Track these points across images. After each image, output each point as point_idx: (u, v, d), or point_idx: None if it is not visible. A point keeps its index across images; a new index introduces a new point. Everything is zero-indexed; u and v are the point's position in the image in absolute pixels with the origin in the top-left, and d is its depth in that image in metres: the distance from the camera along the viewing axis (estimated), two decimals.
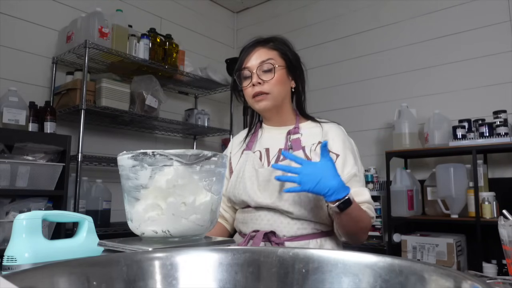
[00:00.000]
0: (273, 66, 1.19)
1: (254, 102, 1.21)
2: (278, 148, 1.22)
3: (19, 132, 2.05)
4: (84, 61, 2.28)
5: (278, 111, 1.25)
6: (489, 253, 2.21)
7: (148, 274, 0.49)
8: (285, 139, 1.23)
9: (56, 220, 0.92)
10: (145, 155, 0.70)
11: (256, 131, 1.33)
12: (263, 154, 1.24)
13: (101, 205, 2.46)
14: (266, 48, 1.22)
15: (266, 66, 1.19)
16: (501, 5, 2.53)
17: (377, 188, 2.71)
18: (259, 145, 1.27)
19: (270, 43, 1.24)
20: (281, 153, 1.20)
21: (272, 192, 1.14)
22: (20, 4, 2.44)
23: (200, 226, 0.74)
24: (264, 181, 1.16)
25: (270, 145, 1.25)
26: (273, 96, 1.19)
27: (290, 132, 1.24)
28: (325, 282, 0.49)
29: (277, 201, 1.12)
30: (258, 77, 1.18)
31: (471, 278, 0.37)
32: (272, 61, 1.20)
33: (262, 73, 1.19)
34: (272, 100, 1.20)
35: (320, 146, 1.04)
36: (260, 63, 1.19)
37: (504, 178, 2.45)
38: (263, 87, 1.18)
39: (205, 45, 3.62)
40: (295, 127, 1.25)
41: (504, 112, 2.31)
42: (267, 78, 1.18)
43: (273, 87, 1.19)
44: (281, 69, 1.21)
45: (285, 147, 1.21)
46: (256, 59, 1.20)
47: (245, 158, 1.24)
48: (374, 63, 3.04)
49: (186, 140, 3.38)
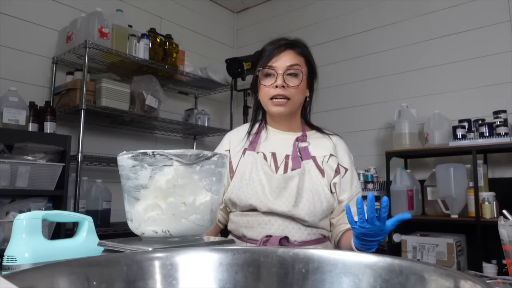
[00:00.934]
0: (301, 73, 1.18)
1: (271, 104, 1.19)
2: (285, 154, 1.21)
3: (19, 132, 2.05)
4: (84, 61, 2.28)
5: (290, 117, 1.25)
6: (489, 253, 2.21)
7: (148, 274, 0.49)
8: (293, 146, 1.22)
9: (56, 220, 0.92)
10: (145, 155, 0.70)
11: (260, 131, 1.29)
12: (268, 158, 1.21)
13: (101, 205, 2.46)
14: (295, 52, 1.21)
15: (293, 71, 1.18)
16: (501, 5, 2.53)
17: (377, 188, 2.71)
18: (263, 147, 1.24)
19: (298, 48, 1.22)
20: (289, 159, 1.19)
21: (288, 200, 1.13)
22: (20, 4, 2.44)
23: (200, 226, 0.74)
24: (278, 188, 1.14)
25: (276, 149, 1.23)
26: (292, 102, 1.18)
27: (298, 139, 1.23)
28: (325, 282, 0.49)
29: (293, 209, 1.12)
30: (284, 81, 1.16)
31: (471, 278, 0.37)
32: (300, 67, 1.18)
33: (287, 76, 1.17)
34: (290, 106, 1.19)
35: (396, 218, 0.93)
36: (289, 66, 1.17)
37: (504, 178, 2.45)
38: (286, 91, 1.16)
39: (205, 45, 3.62)
40: (303, 135, 1.24)
41: (504, 112, 2.31)
42: (292, 83, 1.17)
43: (295, 94, 1.18)
44: (305, 77, 1.20)
45: (294, 154, 1.20)
46: (285, 62, 1.18)
47: (250, 160, 1.21)
48: (374, 63, 3.04)
49: (186, 140, 3.38)
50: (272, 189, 1.14)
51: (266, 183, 1.15)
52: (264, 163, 1.19)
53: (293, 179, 1.14)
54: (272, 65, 1.18)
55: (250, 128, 1.31)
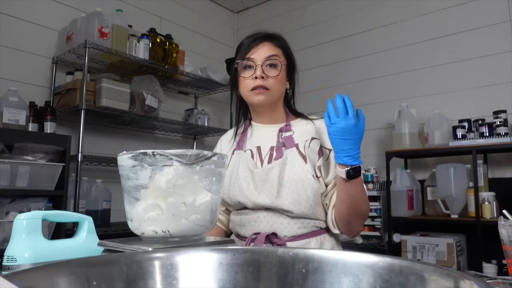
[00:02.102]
0: (280, 63, 1.18)
1: (252, 95, 1.19)
2: (269, 146, 1.21)
3: (19, 132, 2.05)
4: (84, 61, 2.28)
5: (272, 109, 1.24)
6: (489, 253, 2.22)
7: (148, 274, 0.49)
8: (277, 137, 1.22)
9: (56, 220, 0.92)
10: (145, 155, 0.70)
11: (246, 130, 1.30)
12: (254, 153, 1.22)
13: (101, 205, 2.46)
14: (272, 43, 1.21)
15: (271, 61, 1.18)
16: (501, 5, 2.53)
17: (377, 188, 2.71)
18: (249, 144, 1.25)
19: (276, 40, 1.23)
20: (273, 150, 1.19)
21: (270, 191, 1.13)
22: (20, 4, 2.44)
23: (200, 226, 0.74)
24: (260, 181, 1.15)
25: (261, 143, 1.23)
26: (272, 92, 1.18)
27: (281, 129, 1.23)
28: (325, 282, 0.49)
29: (276, 200, 1.11)
30: (263, 71, 1.17)
31: (471, 278, 0.37)
32: (278, 57, 1.19)
33: (266, 67, 1.18)
34: (270, 96, 1.19)
35: (357, 111, 1.05)
36: (267, 57, 1.18)
37: (504, 178, 2.45)
38: (265, 82, 1.17)
39: (205, 45, 3.62)
40: (286, 124, 1.24)
41: (504, 112, 2.31)
42: (271, 74, 1.17)
43: (274, 84, 1.18)
44: (284, 68, 1.21)
45: (277, 144, 1.20)
46: (263, 53, 1.18)
47: (237, 158, 1.22)
48: (374, 63, 3.04)
49: (186, 140, 3.38)
50: (255, 183, 1.15)
51: (250, 178, 1.16)
52: (248, 159, 1.20)
53: (273, 170, 1.14)
54: (250, 57, 1.18)
55: (236, 128, 1.32)
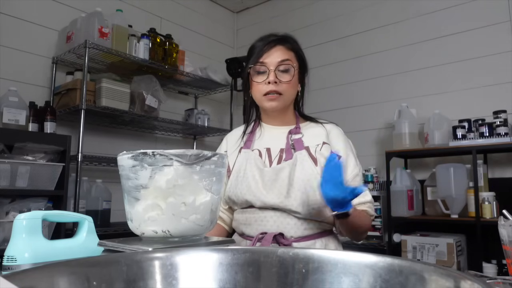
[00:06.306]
0: (292, 68, 1.18)
1: (264, 100, 1.19)
2: (279, 148, 1.22)
3: (19, 132, 2.05)
4: (84, 61, 2.28)
5: (284, 112, 1.25)
6: (489, 253, 2.21)
7: (148, 274, 0.49)
8: (286, 139, 1.22)
9: (56, 220, 0.92)
10: (145, 155, 0.70)
11: (254, 130, 1.30)
12: (263, 153, 1.22)
13: (101, 205, 2.46)
14: (285, 47, 1.21)
15: (284, 67, 1.18)
16: (501, 5, 2.53)
17: (377, 188, 2.71)
18: (258, 144, 1.25)
19: (288, 43, 1.22)
20: (283, 152, 1.19)
21: (279, 191, 1.13)
22: (20, 4, 2.44)
23: (200, 226, 0.74)
24: (270, 181, 1.14)
25: (271, 144, 1.24)
26: (284, 97, 1.19)
27: (291, 131, 1.23)
28: (325, 282, 0.49)
29: (286, 200, 1.11)
30: (276, 76, 1.17)
31: (471, 278, 0.37)
32: (291, 62, 1.19)
33: (279, 72, 1.17)
34: (283, 101, 1.19)
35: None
36: (280, 62, 1.17)
37: (504, 178, 2.45)
38: (278, 87, 1.17)
39: (205, 45, 3.62)
40: (296, 127, 1.25)
41: (504, 112, 2.31)
42: (284, 79, 1.17)
43: (287, 89, 1.18)
44: (296, 72, 1.21)
45: (287, 146, 1.20)
46: (276, 57, 1.18)
47: (244, 157, 1.22)
48: (374, 63, 3.04)
49: (186, 140, 3.37)
50: (264, 183, 1.15)
51: (259, 177, 1.16)
52: (257, 158, 1.20)
53: (283, 170, 1.14)
54: (263, 61, 1.18)
55: (245, 128, 1.32)
